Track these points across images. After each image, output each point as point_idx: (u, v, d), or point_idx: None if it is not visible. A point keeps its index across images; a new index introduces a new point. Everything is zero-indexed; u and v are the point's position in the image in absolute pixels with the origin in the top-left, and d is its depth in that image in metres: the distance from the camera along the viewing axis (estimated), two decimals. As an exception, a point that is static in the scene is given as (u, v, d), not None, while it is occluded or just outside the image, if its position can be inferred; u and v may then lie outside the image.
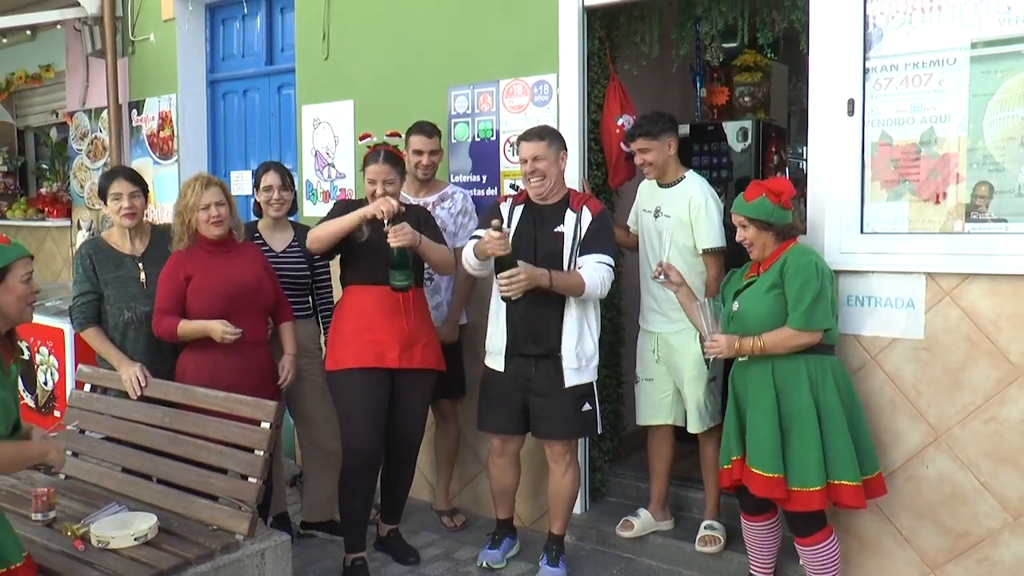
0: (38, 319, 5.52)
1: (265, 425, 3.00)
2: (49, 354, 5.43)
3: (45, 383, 5.48)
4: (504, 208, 3.64)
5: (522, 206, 3.62)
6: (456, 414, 4.33)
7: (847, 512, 3.34)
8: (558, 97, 4.08)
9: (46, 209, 6.84)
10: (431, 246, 3.53)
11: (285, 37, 5.47)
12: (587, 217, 3.51)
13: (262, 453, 2.96)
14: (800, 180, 5.42)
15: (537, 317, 3.51)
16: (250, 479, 2.97)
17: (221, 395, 3.16)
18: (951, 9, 3.08)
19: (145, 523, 2.88)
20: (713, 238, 3.62)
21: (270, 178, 3.87)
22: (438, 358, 3.72)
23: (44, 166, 7.30)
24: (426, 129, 4.08)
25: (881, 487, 3.11)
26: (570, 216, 3.52)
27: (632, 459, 4.66)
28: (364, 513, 3.70)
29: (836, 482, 2.99)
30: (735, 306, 3.20)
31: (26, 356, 5.64)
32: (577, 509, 4.15)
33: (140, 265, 3.63)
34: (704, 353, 3.30)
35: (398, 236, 3.33)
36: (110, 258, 3.63)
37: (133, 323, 3.58)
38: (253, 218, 4.05)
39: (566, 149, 3.60)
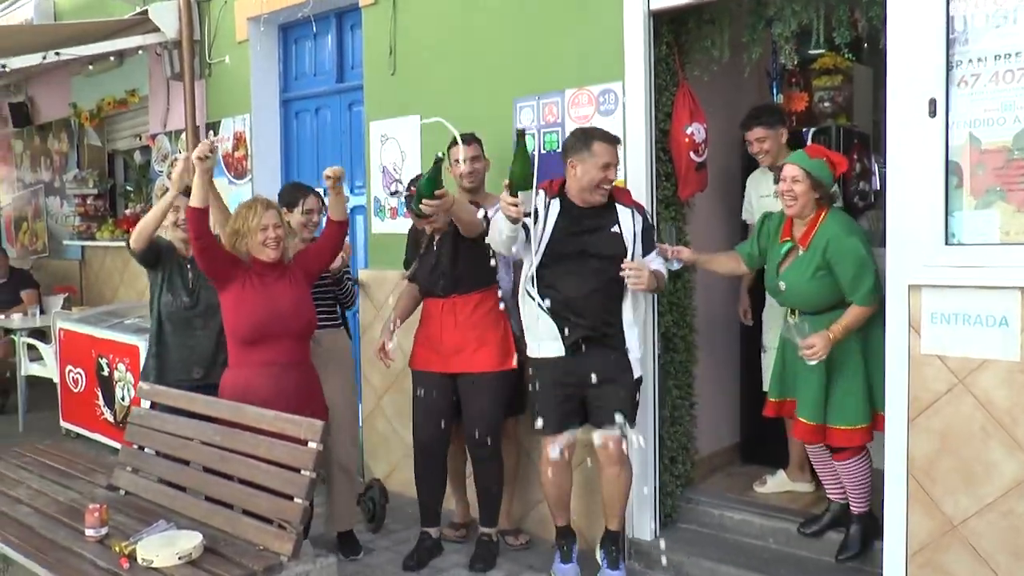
0: (117, 336, 5.67)
1: (312, 445, 2.92)
2: (126, 370, 5.54)
3: (123, 399, 5.59)
4: (539, 200, 3.51)
5: (557, 200, 3.53)
6: (517, 432, 4.21)
7: (935, 547, 3.07)
8: (624, 106, 3.93)
9: (129, 230, 7.01)
10: (463, 207, 3.63)
11: (355, 55, 5.47)
12: (639, 217, 3.57)
13: (308, 473, 2.89)
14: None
15: (598, 307, 3.49)
16: (295, 499, 2.89)
17: (270, 414, 3.11)
18: (1046, -2, 2.81)
19: (190, 542, 2.83)
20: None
21: (311, 202, 4.07)
22: (493, 361, 3.84)
23: (129, 188, 7.52)
24: (465, 138, 4.00)
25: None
26: (624, 213, 3.53)
27: (705, 484, 4.44)
28: (432, 494, 4.04)
29: (880, 413, 3.31)
30: (781, 285, 3.49)
31: (105, 372, 5.77)
32: (647, 535, 4.01)
33: (188, 265, 3.97)
34: (808, 361, 3.35)
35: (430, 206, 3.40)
36: (171, 250, 4.03)
37: (172, 306, 3.95)
38: None
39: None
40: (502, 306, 3.93)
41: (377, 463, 5.06)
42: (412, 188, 3.88)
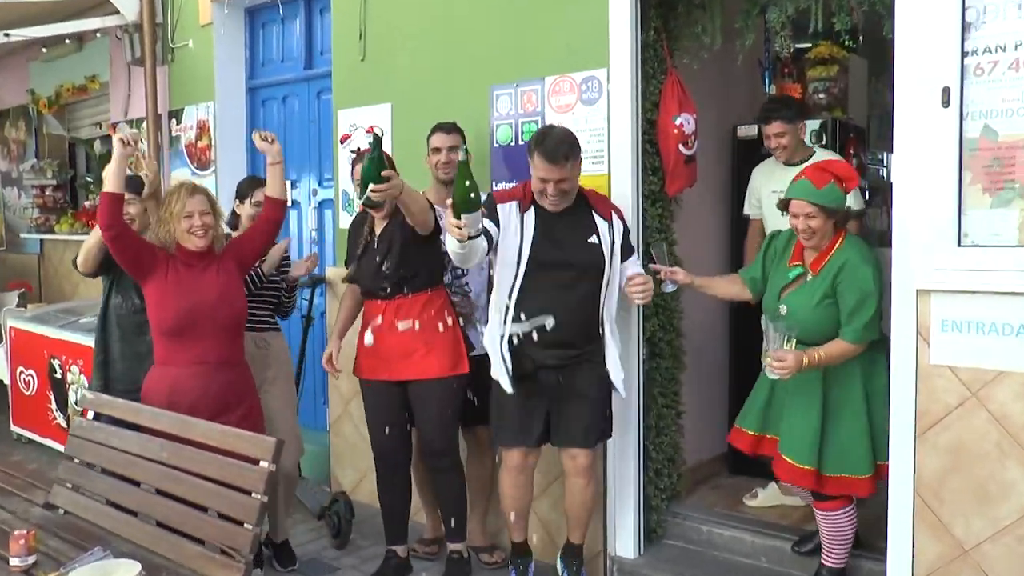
0: (70, 336, 5.35)
1: (264, 464, 2.64)
2: (80, 373, 5.22)
3: (76, 403, 5.27)
4: (505, 210, 3.25)
5: (532, 211, 3.26)
6: (492, 442, 3.94)
7: (944, 573, 2.84)
8: (608, 94, 3.67)
9: (89, 223, 6.69)
10: (412, 195, 3.31)
11: (324, 40, 5.19)
12: (619, 226, 3.34)
13: (259, 496, 2.60)
14: (880, 188, 4.93)
15: (578, 320, 3.25)
16: (245, 525, 2.61)
17: (218, 428, 2.84)
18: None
19: (127, 573, 2.54)
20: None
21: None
22: (444, 365, 3.54)
23: (89, 179, 7.18)
24: (444, 127, 3.83)
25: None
26: (602, 225, 3.29)
27: (693, 498, 4.20)
28: (393, 509, 3.76)
29: (882, 463, 3.05)
30: (782, 309, 3.17)
31: (58, 374, 5.46)
32: (630, 553, 3.76)
33: None
34: (768, 371, 3.09)
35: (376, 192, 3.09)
36: None
37: (121, 309, 3.69)
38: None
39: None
40: (479, 306, 3.68)
41: (344, 471, 4.79)
42: (356, 166, 3.72)
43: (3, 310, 6.48)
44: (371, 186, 3.06)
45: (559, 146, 3.13)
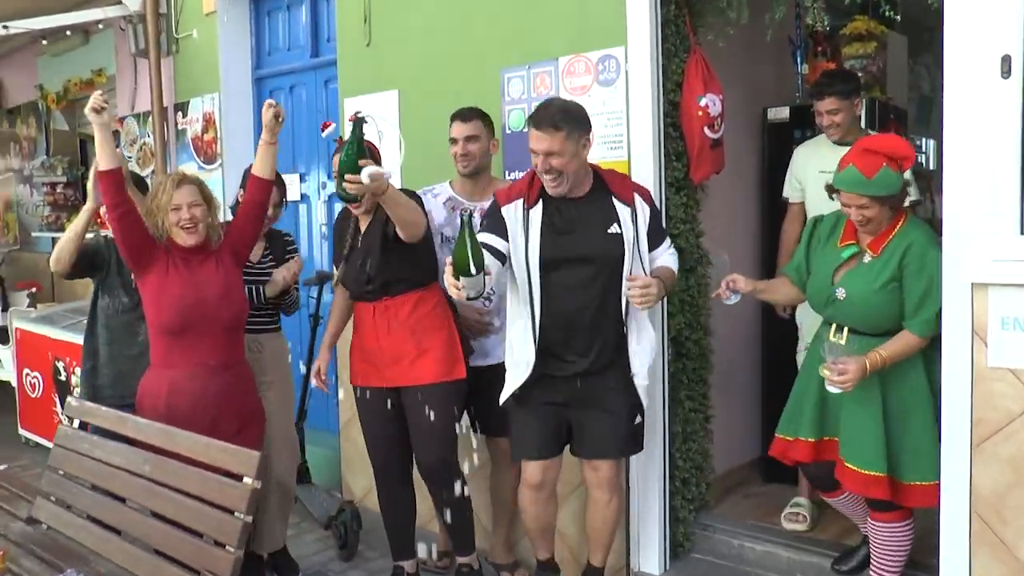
0: (73, 337, 5.18)
1: (247, 481, 2.41)
2: (82, 375, 5.04)
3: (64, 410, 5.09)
4: (511, 212, 2.95)
5: (539, 207, 2.95)
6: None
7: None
8: (627, 75, 3.40)
9: (98, 220, 6.51)
10: (398, 198, 3.02)
11: (331, 27, 4.95)
12: (644, 209, 2.99)
13: (241, 516, 2.37)
14: (921, 175, 4.61)
15: (597, 324, 2.96)
16: (227, 548, 2.38)
17: (203, 441, 2.61)
18: None
19: (98, 601, 2.34)
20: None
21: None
22: (438, 370, 3.28)
23: (97, 175, 7.03)
24: (461, 114, 3.50)
25: None
26: (624, 211, 2.95)
27: (722, 508, 3.92)
28: (396, 523, 3.54)
29: None
30: (840, 293, 2.84)
31: (62, 376, 5.29)
32: (655, 569, 3.51)
33: None
34: (828, 386, 2.78)
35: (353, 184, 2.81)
36: (105, 246, 3.61)
37: (108, 310, 3.51)
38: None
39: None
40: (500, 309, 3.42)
41: (355, 476, 4.56)
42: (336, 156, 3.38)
43: (11, 310, 6.34)
44: (347, 176, 2.76)
45: (552, 113, 2.84)
